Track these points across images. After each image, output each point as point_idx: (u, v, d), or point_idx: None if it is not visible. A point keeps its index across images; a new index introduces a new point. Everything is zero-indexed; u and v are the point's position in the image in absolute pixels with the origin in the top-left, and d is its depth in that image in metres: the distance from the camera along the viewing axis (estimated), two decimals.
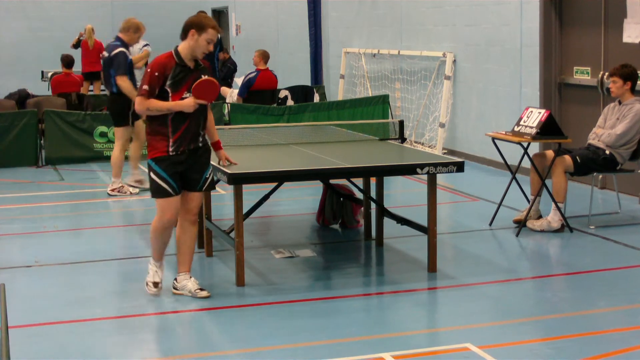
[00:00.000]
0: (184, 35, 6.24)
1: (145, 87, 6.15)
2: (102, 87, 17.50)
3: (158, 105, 6.14)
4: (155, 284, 6.47)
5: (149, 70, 6.18)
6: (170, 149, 6.19)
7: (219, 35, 14.91)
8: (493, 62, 11.96)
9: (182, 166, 6.25)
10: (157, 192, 6.27)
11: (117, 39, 10.32)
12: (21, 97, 14.85)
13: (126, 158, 13.01)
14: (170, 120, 6.17)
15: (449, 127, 13.00)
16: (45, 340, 5.70)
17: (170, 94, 6.16)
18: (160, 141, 6.20)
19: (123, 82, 10.03)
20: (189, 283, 6.45)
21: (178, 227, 6.48)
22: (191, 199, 6.39)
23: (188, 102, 6.15)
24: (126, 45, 10.28)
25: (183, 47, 6.23)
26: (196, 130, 6.27)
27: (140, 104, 6.18)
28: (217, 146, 6.65)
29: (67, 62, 14.67)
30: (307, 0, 17.10)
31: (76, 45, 17.18)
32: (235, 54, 21.61)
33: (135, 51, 13.84)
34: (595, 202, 9.27)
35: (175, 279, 6.54)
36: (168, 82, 6.16)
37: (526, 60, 11.26)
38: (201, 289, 6.43)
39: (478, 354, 5.25)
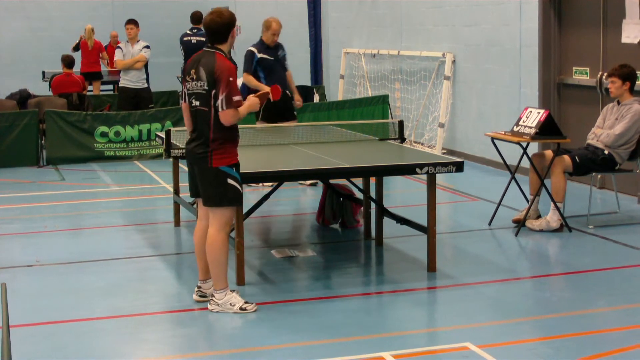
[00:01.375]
0: (222, 36, 6.05)
1: (239, 97, 5.98)
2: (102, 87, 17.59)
3: (244, 111, 6.04)
4: (249, 302, 6.14)
5: (231, 79, 5.92)
6: (238, 155, 6.16)
7: None
8: (492, 63, 11.98)
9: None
10: (236, 199, 6.11)
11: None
12: (22, 97, 14.87)
13: (126, 158, 13.05)
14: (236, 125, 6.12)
15: (448, 127, 13.02)
16: (46, 339, 5.71)
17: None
18: (233, 147, 6.09)
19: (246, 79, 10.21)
20: (232, 298, 6.20)
21: (204, 234, 6.26)
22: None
23: (255, 102, 6.14)
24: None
25: (226, 47, 6.11)
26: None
27: (236, 117, 5.97)
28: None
29: (68, 62, 14.68)
30: (307, 1, 17.12)
31: (76, 48, 17.20)
32: (236, 54, 21.63)
33: (135, 51, 13.86)
34: (594, 201, 9.29)
35: (200, 287, 6.35)
36: None
37: (525, 61, 11.28)
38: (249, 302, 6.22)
39: (477, 354, 5.27)
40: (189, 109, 6.16)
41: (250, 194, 9.99)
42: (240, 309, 6.07)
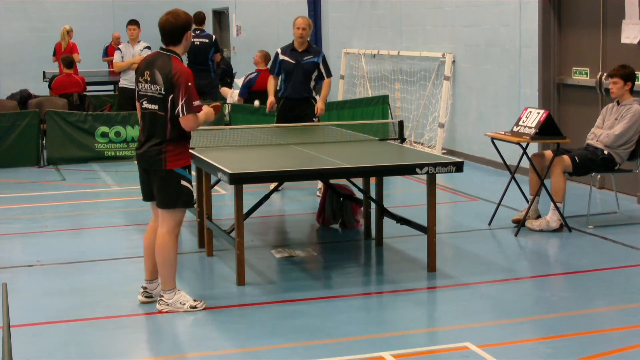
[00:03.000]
0: (177, 39, 6.02)
1: (198, 102, 5.94)
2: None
3: (202, 119, 6.02)
4: (197, 300, 6.21)
5: (189, 83, 5.87)
6: (190, 157, 6.17)
7: (214, 37, 14.96)
8: (492, 63, 11.99)
9: None
10: (188, 200, 6.12)
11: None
12: (23, 98, 14.88)
13: (127, 158, 13.06)
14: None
15: (448, 127, 13.03)
16: (46, 339, 5.72)
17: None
18: (186, 149, 6.09)
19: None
20: (182, 296, 6.26)
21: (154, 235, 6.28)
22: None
23: (210, 112, 6.10)
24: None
25: (180, 50, 6.06)
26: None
27: (197, 123, 5.95)
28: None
29: (67, 62, 14.69)
30: (307, 1, 17.13)
31: (53, 53, 17.23)
32: (236, 54, 21.63)
33: (136, 52, 13.87)
34: (593, 202, 9.31)
35: (146, 288, 6.36)
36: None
37: (525, 61, 11.29)
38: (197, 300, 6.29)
39: (477, 353, 5.27)
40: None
41: (250, 194, 10.00)
42: (191, 307, 6.11)
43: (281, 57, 9.84)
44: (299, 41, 9.74)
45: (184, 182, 6.07)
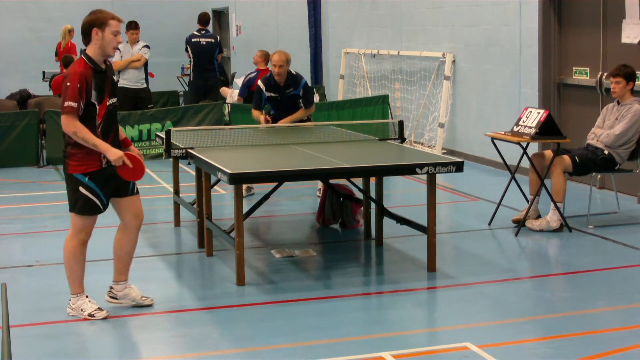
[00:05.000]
0: (86, 38, 5.88)
1: (69, 103, 5.69)
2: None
3: (87, 136, 5.72)
4: (100, 309, 6.07)
5: (68, 84, 5.69)
6: (104, 162, 5.88)
7: (218, 37, 14.94)
8: (492, 63, 11.98)
9: (113, 178, 5.97)
10: (86, 208, 5.91)
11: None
12: (22, 97, 14.89)
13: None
14: (100, 132, 5.85)
15: (448, 127, 13.03)
16: (46, 339, 5.72)
17: (97, 106, 5.81)
18: (91, 154, 5.82)
19: None
20: (132, 291, 6.29)
21: (122, 235, 6.23)
22: (133, 203, 6.14)
23: (117, 156, 5.81)
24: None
25: (92, 50, 5.85)
26: (118, 139, 6.03)
27: (70, 125, 5.69)
28: (126, 143, 6.19)
29: (67, 62, 14.68)
30: (307, 1, 17.12)
31: (55, 53, 17.22)
32: (236, 54, 21.64)
33: (135, 51, 13.86)
34: (594, 201, 9.30)
35: (112, 288, 6.32)
36: (94, 94, 5.78)
37: (525, 61, 11.29)
38: (145, 296, 6.31)
39: (477, 353, 5.27)
40: None
41: (250, 195, 9.99)
42: (89, 315, 5.99)
43: (267, 93, 9.55)
44: (278, 78, 9.44)
45: (81, 189, 5.88)
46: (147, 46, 13.95)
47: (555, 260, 7.78)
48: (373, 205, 8.02)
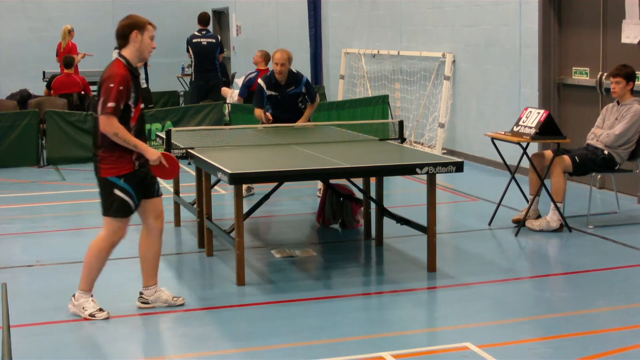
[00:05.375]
0: (124, 41, 5.91)
1: (112, 104, 5.71)
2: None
3: (128, 136, 5.77)
4: (102, 310, 6.09)
5: (111, 85, 5.72)
6: (136, 164, 5.92)
7: (219, 38, 14.95)
8: (492, 63, 11.98)
9: (144, 179, 6.02)
10: (121, 210, 5.94)
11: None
12: (22, 98, 14.89)
13: None
14: (133, 135, 5.88)
15: (448, 127, 13.03)
16: (46, 339, 5.72)
17: (132, 109, 5.86)
18: (124, 157, 5.85)
19: None
20: (163, 294, 6.31)
21: (145, 239, 6.27)
22: (158, 204, 6.19)
23: (156, 156, 5.90)
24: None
25: (129, 52, 5.91)
26: (146, 141, 6.05)
27: (112, 126, 5.72)
28: None
29: (67, 62, 14.69)
30: (307, 1, 17.12)
31: (56, 54, 17.20)
32: (236, 54, 21.64)
33: None
34: (593, 201, 9.30)
35: (143, 294, 6.33)
36: (132, 97, 5.83)
37: (525, 61, 11.29)
38: (176, 297, 6.34)
39: (477, 353, 5.27)
40: None
41: (251, 195, 10.00)
42: (90, 315, 6.01)
43: (267, 92, 9.55)
44: (279, 77, 9.45)
45: (116, 192, 5.90)
46: None
47: (555, 260, 7.78)
48: (373, 205, 8.02)
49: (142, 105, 5.99)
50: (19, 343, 5.50)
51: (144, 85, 14.04)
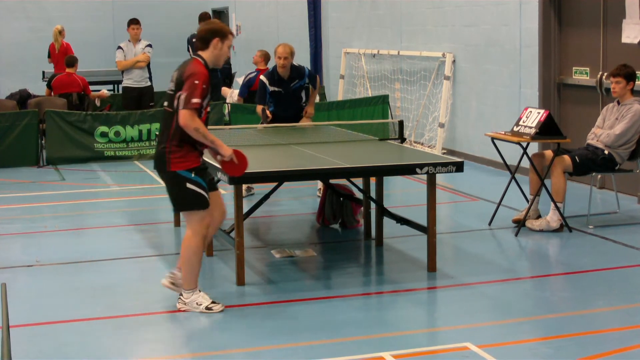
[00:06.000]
0: (204, 44, 6.00)
1: (198, 100, 5.78)
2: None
3: (207, 132, 5.88)
4: (215, 302, 6.12)
5: (196, 82, 5.79)
6: (200, 159, 6.06)
7: None
8: (492, 63, 11.98)
9: (208, 173, 6.22)
10: (198, 202, 5.97)
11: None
12: (22, 98, 14.88)
13: (126, 158, 13.07)
14: None
15: (448, 127, 13.03)
16: (46, 339, 5.72)
17: (203, 110, 5.94)
18: (193, 152, 5.95)
19: None
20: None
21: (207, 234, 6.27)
22: (220, 198, 6.36)
23: (230, 152, 6.04)
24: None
25: (207, 56, 6.01)
26: None
27: (194, 121, 5.79)
28: None
29: (69, 62, 14.67)
30: (307, 1, 17.13)
31: (48, 55, 17.16)
32: (236, 54, 21.64)
33: (138, 50, 13.90)
34: (594, 201, 9.30)
35: (175, 273, 6.33)
36: (207, 97, 5.94)
37: (525, 61, 11.29)
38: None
39: (477, 354, 5.27)
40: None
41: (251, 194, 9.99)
42: (207, 308, 6.07)
43: (270, 88, 9.51)
44: (282, 71, 9.42)
45: (189, 185, 5.95)
46: (150, 45, 14.01)
47: (555, 260, 7.78)
48: (373, 205, 8.02)
49: (209, 108, 6.09)
50: (19, 343, 5.50)
51: (148, 84, 14.09)
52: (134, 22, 14.11)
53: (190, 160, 5.96)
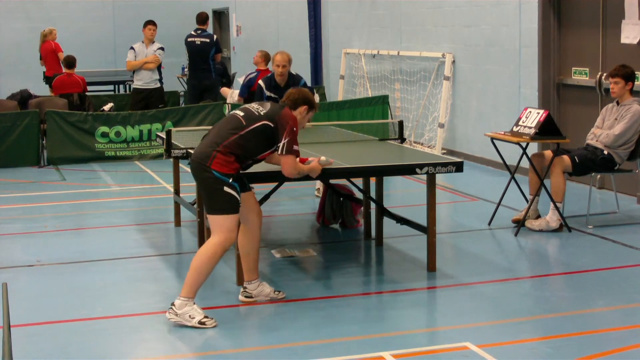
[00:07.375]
0: (295, 106, 6.19)
1: (297, 147, 6.11)
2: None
3: (304, 168, 6.33)
4: (208, 317, 5.89)
5: (295, 128, 6.06)
6: (241, 170, 6.12)
7: (215, 37, 15.00)
8: (492, 63, 11.99)
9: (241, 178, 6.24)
10: (233, 207, 5.94)
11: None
12: (23, 98, 14.88)
13: (127, 158, 13.08)
14: (250, 163, 6.20)
15: (448, 127, 13.04)
16: (47, 339, 5.73)
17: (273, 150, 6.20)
18: (235, 162, 5.97)
19: None
20: (265, 288, 6.37)
21: (244, 234, 6.29)
22: (254, 200, 6.37)
23: (318, 171, 6.41)
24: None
25: (296, 114, 6.21)
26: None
27: (295, 167, 6.17)
28: None
29: (69, 62, 14.69)
30: (307, 1, 17.13)
31: (40, 57, 17.14)
32: (236, 54, 21.65)
33: (149, 52, 13.96)
34: (593, 201, 9.31)
35: (246, 288, 6.35)
36: None
37: (525, 61, 11.30)
38: (278, 291, 6.43)
39: (477, 353, 5.28)
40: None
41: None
42: (199, 322, 5.84)
43: (267, 93, 9.54)
44: (279, 78, 9.38)
45: (227, 189, 5.91)
46: (162, 48, 14.10)
47: (554, 260, 7.79)
48: (373, 205, 8.03)
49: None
50: (19, 343, 5.50)
51: (157, 85, 14.17)
52: (150, 22, 14.25)
53: (232, 167, 5.96)
